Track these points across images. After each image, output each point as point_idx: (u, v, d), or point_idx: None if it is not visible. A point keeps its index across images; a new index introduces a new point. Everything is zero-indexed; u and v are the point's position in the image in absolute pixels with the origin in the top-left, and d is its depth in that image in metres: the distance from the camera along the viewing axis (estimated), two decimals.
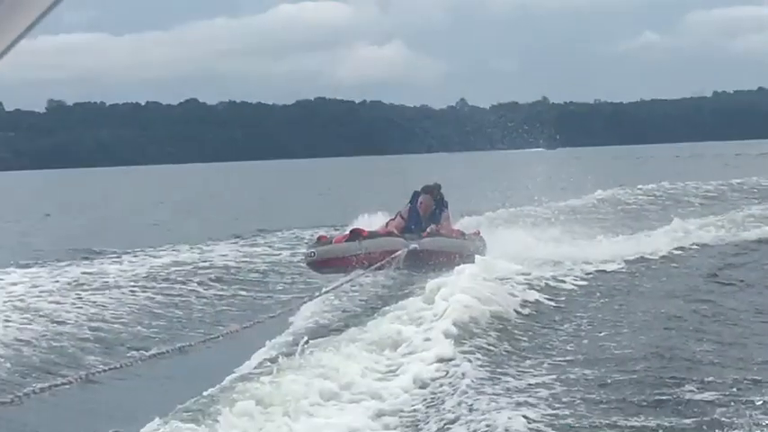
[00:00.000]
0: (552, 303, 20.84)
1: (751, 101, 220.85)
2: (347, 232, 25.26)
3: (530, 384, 14.09)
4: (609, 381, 14.12)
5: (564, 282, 23.06)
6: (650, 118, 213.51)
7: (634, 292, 22.30)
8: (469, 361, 15.10)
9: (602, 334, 17.66)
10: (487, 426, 11.61)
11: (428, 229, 25.18)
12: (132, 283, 24.91)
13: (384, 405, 13.18)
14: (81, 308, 21.54)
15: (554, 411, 12.59)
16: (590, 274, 24.37)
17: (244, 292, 24.80)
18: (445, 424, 12.18)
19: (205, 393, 13.07)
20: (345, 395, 13.48)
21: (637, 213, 42.25)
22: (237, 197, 77.65)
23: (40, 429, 13.50)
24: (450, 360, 15.15)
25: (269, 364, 14.85)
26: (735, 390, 13.43)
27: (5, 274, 26.26)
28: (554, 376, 14.53)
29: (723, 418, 11.92)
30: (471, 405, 12.65)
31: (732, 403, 12.67)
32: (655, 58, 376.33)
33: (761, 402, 12.62)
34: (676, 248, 28.49)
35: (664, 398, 13.08)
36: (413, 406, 13.23)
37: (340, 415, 12.64)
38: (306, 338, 16.21)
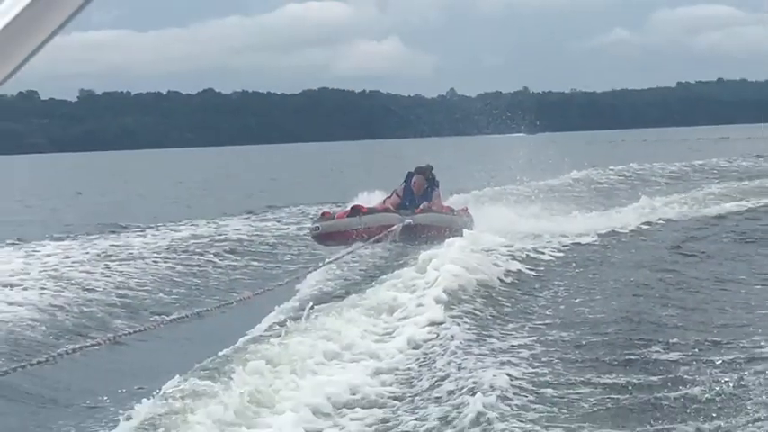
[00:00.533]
0: (532, 273, 20.82)
1: (711, 91, 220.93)
2: (348, 209, 25.24)
3: (512, 345, 14.09)
4: (583, 342, 14.11)
5: (543, 253, 23.04)
6: (621, 106, 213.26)
7: (606, 263, 22.28)
8: (458, 324, 15.08)
9: (577, 300, 17.65)
10: (474, 383, 11.59)
11: (421, 206, 25.16)
12: (155, 255, 24.87)
13: (381, 364, 13.17)
14: (109, 277, 21.50)
15: (534, 370, 12.58)
16: (566, 246, 24.35)
17: (255, 263, 24.78)
18: (436, 381, 12.17)
19: (220, 353, 13.05)
20: (347, 355, 13.47)
21: (608, 192, 42.22)
22: (250, 177, 77.54)
23: (72, 386, 13.48)
24: (441, 324, 15.13)
25: (278, 327, 14.85)
26: (696, 350, 13.42)
27: (41, 246, 26.25)
28: (534, 338, 14.52)
29: (686, 376, 11.91)
30: (460, 364, 12.64)
31: (694, 362, 12.66)
32: (624, 52, 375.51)
33: (720, 362, 12.61)
34: (644, 223, 28.47)
35: (632, 357, 13.07)
36: (407, 365, 13.22)
37: (342, 373, 12.63)
38: (311, 304, 16.20)
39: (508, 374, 11.99)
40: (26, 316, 17.07)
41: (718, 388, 11.16)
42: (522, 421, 10.29)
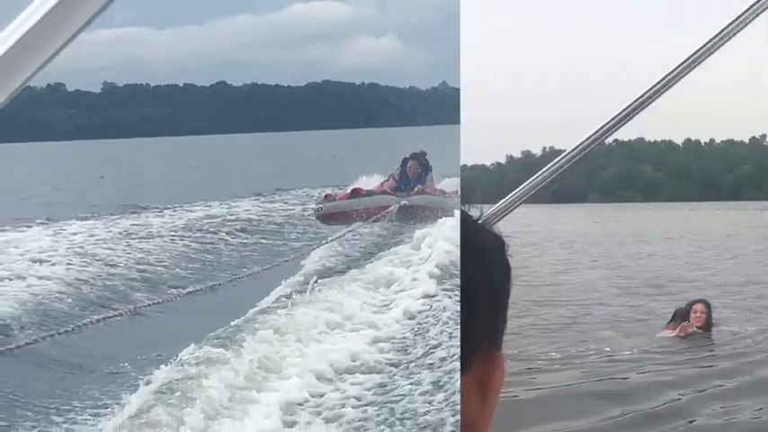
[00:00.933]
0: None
1: None
2: (349, 191, 25.24)
3: None
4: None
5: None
6: None
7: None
8: (449, 297, 15.08)
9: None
10: None
11: (416, 189, 25.18)
12: (172, 233, 24.85)
13: (379, 333, 13.18)
14: (130, 253, 21.50)
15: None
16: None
17: (264, 241, 24.75)
18: (429, 348, 12.19)
19: (232, 324, 13.05)
20: (347, 325, 13.48)
21: None
22: (259, 162, 77.40)
23: (96, 353, 13.48)
24: (434, 296, 15.14)
25: (284, 299, 14.84)
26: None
27: (68, 225, 26.26)
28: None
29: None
30: (451, 333, 12.66)
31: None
32: None
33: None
34: None
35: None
36: (403, 334, 13.23)
37: (343, 341, 12.64)
38: (315, 278, 16.19)
39: None
40: (54, 289, 17.08)
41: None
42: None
